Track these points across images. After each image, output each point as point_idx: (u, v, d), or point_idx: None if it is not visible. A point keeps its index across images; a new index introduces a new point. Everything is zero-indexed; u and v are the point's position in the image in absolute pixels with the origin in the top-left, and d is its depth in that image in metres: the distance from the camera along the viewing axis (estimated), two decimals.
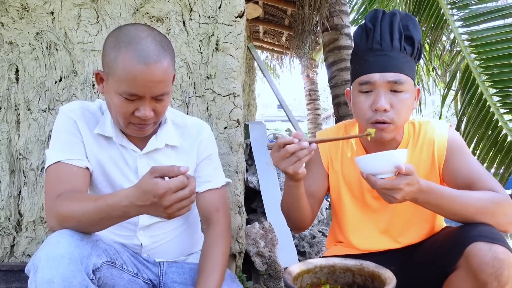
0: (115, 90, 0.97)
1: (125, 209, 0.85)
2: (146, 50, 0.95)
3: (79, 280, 0.84)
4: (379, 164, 0.95)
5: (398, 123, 1.10)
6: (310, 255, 2.31)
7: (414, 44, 1.11)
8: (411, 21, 1.13)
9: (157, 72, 0.95)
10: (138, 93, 0.96)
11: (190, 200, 0.84)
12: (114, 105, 0.99)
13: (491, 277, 0.86)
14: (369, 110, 1.11)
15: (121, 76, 0.95)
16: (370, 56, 1.11)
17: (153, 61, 0.95)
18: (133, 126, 1.03)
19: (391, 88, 1.09)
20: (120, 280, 1.02)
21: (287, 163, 0.97)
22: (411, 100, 1.12)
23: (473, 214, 0.98)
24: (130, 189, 0.85)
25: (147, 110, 0.99)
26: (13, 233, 1.80)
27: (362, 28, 1.16)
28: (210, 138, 1.25)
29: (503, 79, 2.63)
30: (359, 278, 1.04)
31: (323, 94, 18.08)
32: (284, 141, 0.97)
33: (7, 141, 1.82)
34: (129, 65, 0.93)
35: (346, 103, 4.03)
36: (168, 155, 1.17)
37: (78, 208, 0.90)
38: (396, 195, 0.94)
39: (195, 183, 0.85)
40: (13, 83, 1.82)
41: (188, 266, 1.20)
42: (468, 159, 1.12)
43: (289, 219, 1.25)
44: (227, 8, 1.81)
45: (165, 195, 0.80)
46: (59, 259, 0.82)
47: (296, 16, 4.55)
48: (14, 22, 1.79)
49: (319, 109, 8.05)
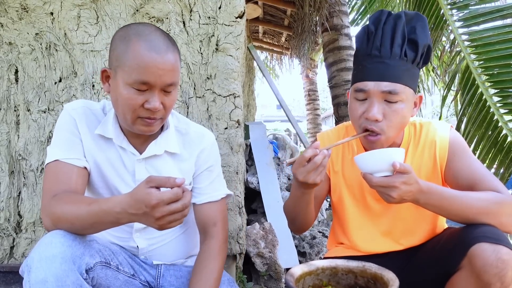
0: (126, 81, 0.97)
1: (117, 216, 0.85)
2: (156, 41, 0.98)
3: (72, 280, 0.84)
4: (375, 161, 0.95)
5: (389, 134, 1.09)
6: (311, 256, 2.31)
7: (418, 49, 1.07)
8: (419, 23, 1.09)
9: (168, 61, 0.98)
10: (149, 81, 0.96)
11: (182, 214, 0.83)
12: (123, 98, 0.98)
13: (494, 278, 0.85)
14: (362, 117, 1.10)
15: (132, 64, 0.96)
16: (367, 62, 1.08)
17: (164, 50, 0.97)
18: (141, 121, 1.01)
19: (385, 98, 1.06)
20: (115, 281, 1.02)
21: (315, 174, 0.99)
22: (408, 109, 1.09)
23: (475, 215, 0.98)
24: (124, 196, 0.85)
25: (157, 102, 0.98)
26: (13, 235, 1.80)
27: (364, 30, 1.13)
28: (212, 148, 1.22)
29: (503, 80, 2.63)
30: (361, 280, 1.04)
31: (322, 94, 18.10)
32: (308, 155, 0.98)
33: (7, 142, 1.81)
34: (141, 53, 0.95)
35: (346, 104, 4.03)
36: (166, 162, 1.15)
37: (72, 211, 0.89)
38: (392, 193, 0.94)
39: (190, 197, 0.85)
40: (13, 83, 1.81)
41: (186, 269, 1.20)
42: (470, 160, 1.11)
43: (294, 223, 1.26)
44: (227, 9, 1.81)
45: (157, 207, 0.80)
46: (52, 259, 0.83)
47: (295, 16, 4.55)
48: (13, 22, 1.78)
49: (318, 109, 8.06)
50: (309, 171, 0.99)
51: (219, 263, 1.10)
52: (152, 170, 1.13)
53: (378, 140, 1.09)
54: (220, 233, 1.15)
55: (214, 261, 1.10)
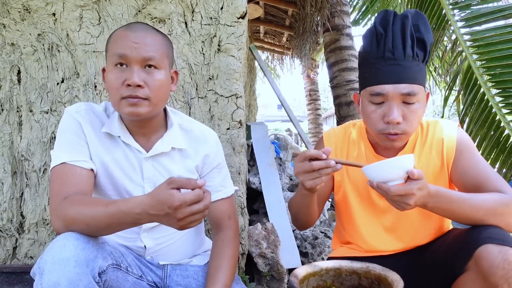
0: (109, 62, 1.03)
1: (138, 217, 0.85)
2: (139, 25, 1.06)
3: (85, 283, 0.83)
4: (389, 171, 0.92)
5: (410, 132, 1.10)
6: (313, 256, 2.31)
7: (426, 48, 1.07)
8: (421, 20, 1.09)
9: (142, 35, 1.03)
10: (125, 53, 1.00)
11: (203, 214, 0.85)
12: (109, 82, 1.02)
13: (501, 280, 0.85)
14: (381, 122, 1.09)
15: (113, 44, 1.03)
16: (382, 65, 1.07)
17: (140, 29, 1.04)
18: (125, 101, 1.01)
19: (404, 99, 1.06)
20: (125, 283, 1.02)
21: (308, 177, 0.98)
22: (423, 108, 1.10)
23: (483, 217, 0.98)
24: (145, 197, 0.85)
25: (135, 77, 0.99)
26: (16, 235, 1.80)
27: (372, 32, 1.11)
28: (218, 147, 1.25)
29: (506, 80, 2.63)
30: (365, 281, 1.04)
31: (323, 94, 18.09)
32: (312, 154, 0.97)
33: (9, 143, 1.81)
34: (121, 33, 1.03)
35: (347, 104, 4.03)
36: (173, 159, 1.16)
37: (88, 212, 0.89)
38: (409, 201, 0.91)
39: (210, 198, 0.86)
40: (15, 84, 1.81)
41: (192, 268, 1.20)
42: (476, 159, 1.11)
43: (297, 220, 1.27)
44: (229, 9, 1.81)
45: (180, 208, 0.81)
46: (65, 262, 0.82)
47: (297, 16, 4.55)
48: (16, 23, 1.78)
49: (319, 109, 8.05)
50: (304, 171, 0.98)
51: (234, 250, 1.17)
52: (159, 168, 1.14)
53: (400, 138, 1.09)
54: (234, 225, 1.21)
55: (230, 248, 1.16)
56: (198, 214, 0.84)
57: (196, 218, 0.84)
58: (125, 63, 1.01)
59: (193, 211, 0.82)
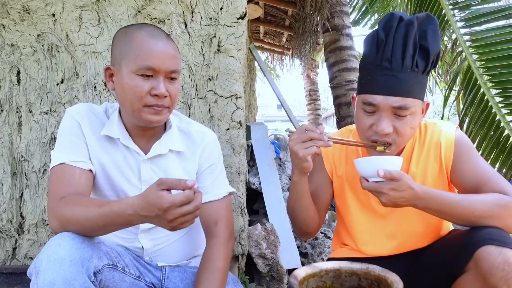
0: (131, 69, 1.00)
1: (130, 218, 0.85)
2: (156, 31, 1.05)
3: (80, 282, 0.84)
4: (368, 167, 0.99)
5: (400, 143, 1.09)
6: (313, 257, 2.30)
7: (429, 58, 1.03)
8: (431, 26, 1.04)
9: (170, 47, 1.04)
10: (154, 66, 1.00)
11: (194, 215, 0.84)
12: (130, 87, 1.00)
13: (501, 281, 0.85)
14: (370, 130, 1.09)
15: (137, 52, 1.00)
16: (377, 74, 1.04)
17: (165, 37, 1.05)
18: (149, 109, 1.02)
19: (395, 112, 1.04)
20: (122, 283, 1.02)
21: (302, 146, 1.03)
22: (417, 119, 1.07)
23: (479, 218, 0.97)
24: (136, 198, 0.85)
25: (163, 87, 1.01)
26: (15, 236, 1.80)
27: (373, 37, 1.08)
28: (214, 147, 1.22)
29: (505, 80, 2.63)
30: (365, 282, 1.04)
31: (323, 94, 18.08)
32: (308, 127, 1.04)
33: (9, 144, 1.81)
34: (144, 40, 1.01)
35: (347, 104, 4.03)
36: (171, 161, 1.16)
37: (82, 213, 0.90)
38: (381, 198, 0.97)
39: (201, 198, 0.86)
40: (15, 85, 1.81)
41: (191, 270, 1.20)
42: (476, 160, 1.10)
43: (295, 221, 1.25)
44: (228, 10, 1.81)
45: (169, 209, 0.80)
46: (60, 262, 0.83)
47: (296, 16, 4.55)
48: (15, 24, 1.78)
49: (319, 109, 8.06)
50: (299, 140, 1.03)
51: (222, 263, 1.10)
52: (157, 170, 1.14)
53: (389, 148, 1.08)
54: (222, 232, 1.14)
55: (218, 261, 1.10)
56: (188, 215, 0.83)
57: (187, 219, 0.84)
58: (151, 74, 1.01)
59: (183, 212, 0.81)
